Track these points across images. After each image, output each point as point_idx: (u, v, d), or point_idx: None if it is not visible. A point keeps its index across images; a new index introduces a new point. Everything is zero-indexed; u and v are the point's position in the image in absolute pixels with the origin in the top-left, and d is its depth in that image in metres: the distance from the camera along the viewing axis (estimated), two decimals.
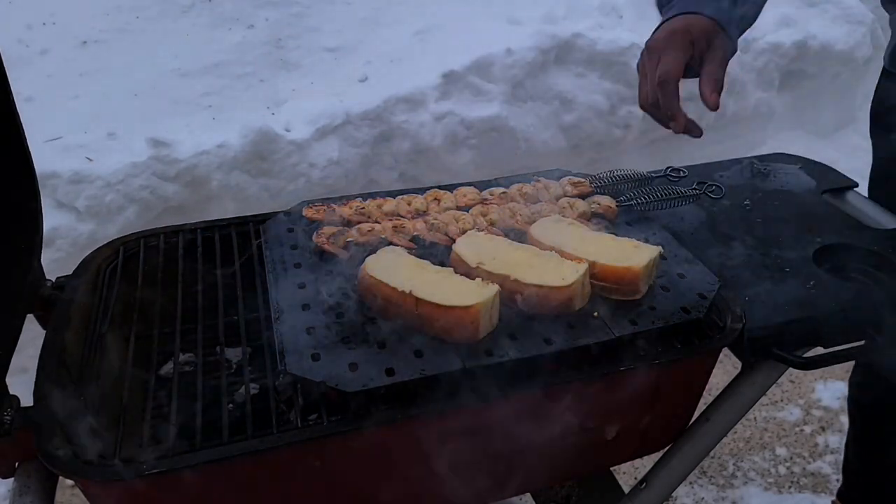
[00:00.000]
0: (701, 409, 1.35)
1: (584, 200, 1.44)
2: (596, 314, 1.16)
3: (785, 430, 2.77)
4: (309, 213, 1.36)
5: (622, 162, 3.80)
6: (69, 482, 1.86)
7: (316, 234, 1.30)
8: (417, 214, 1.37)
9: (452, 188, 1.47)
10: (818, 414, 2.83)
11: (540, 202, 1.43)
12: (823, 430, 2.76)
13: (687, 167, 1.54)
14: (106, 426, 1.05)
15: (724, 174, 1.68)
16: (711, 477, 2.57)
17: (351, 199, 1.40)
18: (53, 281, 1.32)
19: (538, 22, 3.85)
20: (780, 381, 1.38)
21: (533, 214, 1.38)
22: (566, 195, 1.46)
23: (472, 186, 1.47)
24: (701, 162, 1.76)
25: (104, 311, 1.23)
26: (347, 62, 3.71)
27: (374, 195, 1.43)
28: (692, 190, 1.49)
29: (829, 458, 2.64)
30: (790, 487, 2.54)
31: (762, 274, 1.34)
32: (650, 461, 1.39)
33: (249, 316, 1.24)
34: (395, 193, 1.44)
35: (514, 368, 1.07)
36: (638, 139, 3.90)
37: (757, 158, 1.75)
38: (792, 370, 1.28)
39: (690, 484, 2.54)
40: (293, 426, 1.03)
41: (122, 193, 2.88)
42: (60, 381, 1.08)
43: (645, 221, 1.43)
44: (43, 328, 1.24)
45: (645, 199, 1.44)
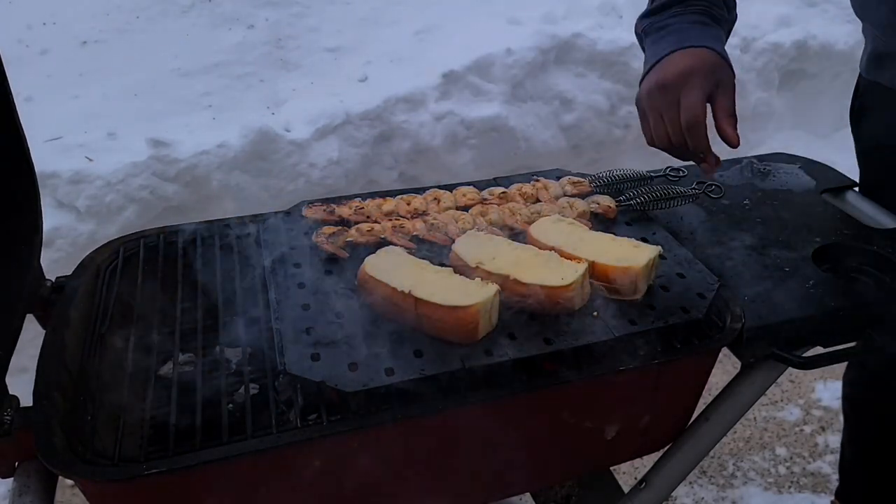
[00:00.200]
0: (700, 408, 1.35)
1: (583, 200, 1.44)
2: (595, 314, 1.16)
3: (785, 429, 2.77)
4: (309, 212, 1.36)
5: (622, 162, 3.80)
6: (69, 482, 1.87)
7: (315, 233, 1.30)
8: (417, 214, 1.37)
9: (452, 188, 1.47)
10: (818, 414, 2.83)
11: (539, 202, 1.43)
12: (823, 429, 2.76)
13: (686, 167, 1.54)
14: (106, 426, 1.05)
15: (723, 174, 1.68)
16: (711, 477, 2.57)
17: (351, 199, 1.40)
18: (53, 281, 1.32)
19: (538, 22, 3.85)
20: (779, 380, 1.38)
21: (532, 214, 1.38)
22: (566, 195, 1.46)
23: (471, 186, 1.47)
24: None
25: (104, 311, 1.23)
26: (347, 62, 3.71)
27: (373, 195, 1.43)
28: (692, 189, 1.50)
29: (829, 457, 2.63)
30: (790, 487, 2.54)
31: (761, 273, 1.34)
32: (650, 461, 1.39)
33: (249, 316, 1.24)
34: (394, 193, 1.44)
35: (513, 368, 1.07)
36: (638, 139, 3.89)
37: (756, 158, 1.75)
38: (792, 370, 1.28)
39: (690, 484, 2.54)
40: (293, 426, 1.03)
41: (122, 193, 2.88)
42: (60, 381, 1.08)
43: (644, 221, 1.43)
44: (43, 328, 1.25)
45: (644, 198, 1.44)
